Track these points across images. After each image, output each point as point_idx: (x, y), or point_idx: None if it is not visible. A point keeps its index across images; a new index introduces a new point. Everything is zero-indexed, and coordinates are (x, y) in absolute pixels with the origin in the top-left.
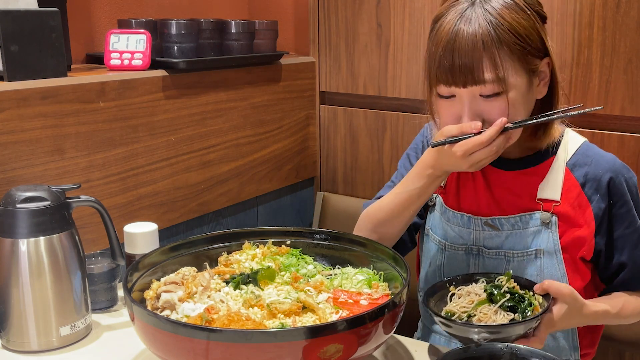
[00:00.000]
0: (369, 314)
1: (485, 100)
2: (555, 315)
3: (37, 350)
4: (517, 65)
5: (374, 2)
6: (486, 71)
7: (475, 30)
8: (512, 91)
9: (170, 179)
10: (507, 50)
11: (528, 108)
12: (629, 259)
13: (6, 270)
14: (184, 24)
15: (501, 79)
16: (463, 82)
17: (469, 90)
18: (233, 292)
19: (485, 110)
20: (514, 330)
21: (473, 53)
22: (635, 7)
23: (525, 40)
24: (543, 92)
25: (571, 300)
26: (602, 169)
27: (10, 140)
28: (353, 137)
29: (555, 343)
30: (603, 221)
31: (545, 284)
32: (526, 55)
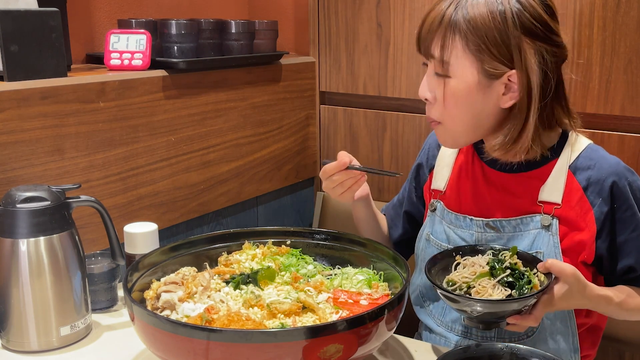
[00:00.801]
0: (369, 314)
1: (436, 78)
2: (555, 294)
3: (37, 350)
4: (468, 57)
5: (374, 2)
6: (434, 48)
7: (444, 9)
8: (454, 79)
9: (170, 179)
10: (460, 38)
11: (474, 106)
12: (637, 262)
13: (6, 270)
14: (184, 24)
15: (443, 61)
16: (424, 53)
17: (430, 64)
18: (233, 292)
19: (433, 87)
20: (508, 306)
21: (430, 26)
22: (635, 7)
23: (484, 38)
24: (508, 103)
25: (574, 280)
26: (605, 173)
27: (10, 140)
28: (353, 137)
29: (555, 345)
30: (605, 225)
31: (548, 263)
32: (481, 54)
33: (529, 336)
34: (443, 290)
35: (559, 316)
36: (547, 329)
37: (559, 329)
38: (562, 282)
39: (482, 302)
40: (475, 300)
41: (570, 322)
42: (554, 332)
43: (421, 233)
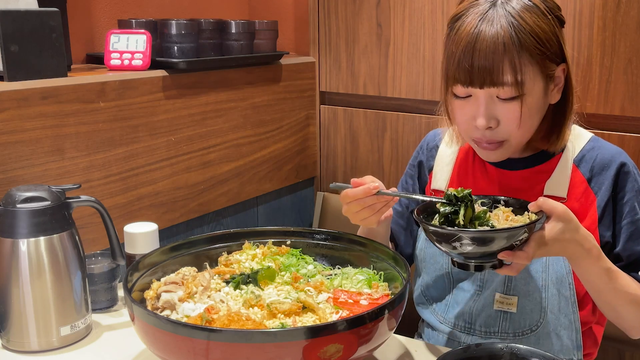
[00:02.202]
0: (369, 314)
1: (502, 102)
2: (547, 233)
3: (37, 350)
4: (536, 70)
5: (374, 2)
6: (505, 74)
7: (497, 31)
8: (528, 96)
9: (170, 179)
10: (527, 54)
11: (541, 113)
12: (623, 250)
13: (6, 270)
14: (184, 24)
15: (519, 83)
16: (481, 83)
17: (486, 92)
18: (233, 292)
19: (500, 113)
20: (498, 237)
21: (494, 55)
22: (635, 7)
23: (545, 45)
24: (556, 97)
25: (566, 218)
26: (607, 161)
27: (10, 140)
28: (353, 137)
29: (559, 341)
30: (606, 212)
31: (539, 201)
32: (545, 60)
33: (533, 331)
34: (432, 226)
35: (563, 310)
36: (551, 324)
37: (563, 324)
38: (554, 220)
39: (471, 233)
40: (465, 231)
41: (574, 317)
42: (557, 327)
43: (420, 232)
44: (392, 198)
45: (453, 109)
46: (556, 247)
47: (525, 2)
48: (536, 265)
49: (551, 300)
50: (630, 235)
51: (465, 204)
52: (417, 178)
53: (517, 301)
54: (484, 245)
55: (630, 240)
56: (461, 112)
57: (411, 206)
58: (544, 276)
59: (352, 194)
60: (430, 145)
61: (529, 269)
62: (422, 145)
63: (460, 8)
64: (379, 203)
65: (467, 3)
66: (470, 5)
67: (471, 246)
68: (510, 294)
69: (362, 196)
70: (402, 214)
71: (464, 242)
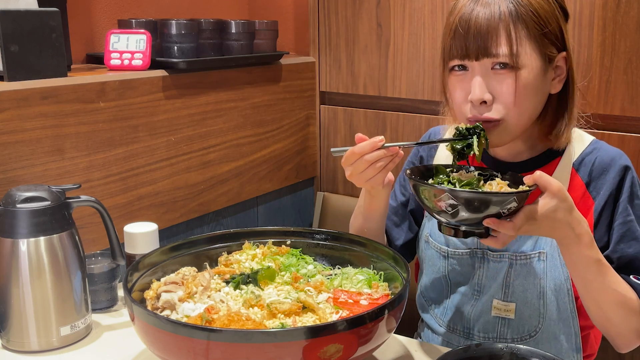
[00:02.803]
0: (369, 314)
1: (497, 76)
2: (539, 207)
3: (37, 350)
4: (533, 46)
5: (374, 2)
6: (500, 45)
7: (494, 2)
8: (523, 69)
9: (170, 179)
10: (524, 28)
11: (539, 98)
12: (613, 251)
13: (6, 270)
14: (184, 24)
15: (514, 54)
16: (476, 54)
17: (482, 63)
18: (233, 292)
19: (495, 87)
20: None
21: (489, 24)
22: (635, 7)
23: (544, 22)
24: (557, 87)
25: (560, 196)
26: (605, 164)
27: (10, 140)
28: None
29: (558, 345)
30: (602, 217)
31: (536, 174)
32: (543, 38)
33: (531, 336)
34: (418, 182)
35: (561, 316)
36: (550, 329)
37: (562, 329)
38: (548, 196)
39: (459, 192)
40: (452, 190)
41: (573, 322)
42: (557, 333)
43: (421, 234)
44: (397, 151)
45: (451, 87)
46: (546, 225)
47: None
48: (534, 273)
49: (549, 307)
50: (621, 236)
51: (477, 134)
52: None
53: (515, 308)
54: (469, 207)
55: (621, 241)
56: (458, 87)
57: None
58: (542, 283)
59: (359, 149)
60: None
61: (526, 276)
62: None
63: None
64: (384, 158)
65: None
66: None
67: (456, 207)
68: (508, 300)
69: (369, 150)
70: (396, 210)
71: (449, 202)
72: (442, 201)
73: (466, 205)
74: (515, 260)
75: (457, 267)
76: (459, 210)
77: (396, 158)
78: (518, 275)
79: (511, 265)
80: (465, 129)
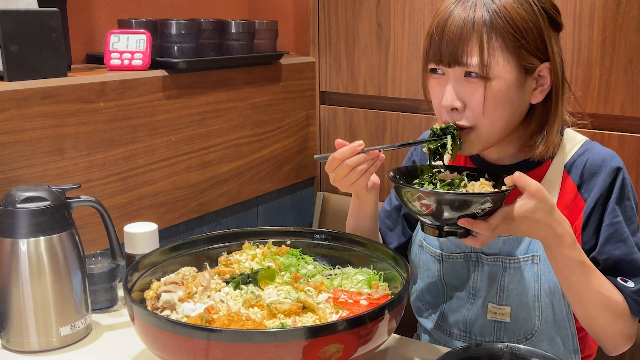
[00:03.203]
0: (369, 314)
1: (468, 84)
2: (516, 208)
3: (37, 350)
4: (508, 57)
5: (374, 2)
6: (471, 54)
7: (470, 10)
8: (495, 80)
9: (170, 179)
10: (498, 38)
11: (514, 108)
12: (599, 253)
13: (6, 270)
14: (184, 24)
15: (485, 65)
16: (448, 61)
17: (454, 71)
18: (233, 292)
19: (466, 95)
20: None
21: (462, 32)
22: (635, 7)
23: (522, 33)
24: (539, 98)
25: (539, 197)
26: (597, 166)
27: (10, 140)
28: (353, 137)
29: (555, 347)
30: (592, 219)
31: (515, 175)
32: (520, 49)
33: (528, 339)
34: (396, 182)
35: (557, 318)
36: (546, 332)
37: (559, 332)
38: (526, 197)
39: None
40: (421, 189)
41: (570, 324)
42: (553, 335)
43: (414, 239)
44: (377, 155)
45: (430, 89)
46: (524, 226)
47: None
48: (528, 276)
49: (545, 310)
50: (607, 238)
51: (451, 134)
52: None
53: (510, 311)
54: (443, 207)
55: (607, 243)
56: (435, 91)
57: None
58: (536, 286)
59: (339, 155)
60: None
61: (521, 280)
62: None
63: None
64: (365, 162)
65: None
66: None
67: (429, 207)
68: (503, 304)
69: (350, 155)
70: (390, 214)
71: (422, 202)
72: (417, 201)
73: (440, 206)
74: (508, 264)
75: (452, 270)
76: (434, 211)
77: (377, 161)
78: (512, 278)
79: (505, 268)
80: (440, 129)
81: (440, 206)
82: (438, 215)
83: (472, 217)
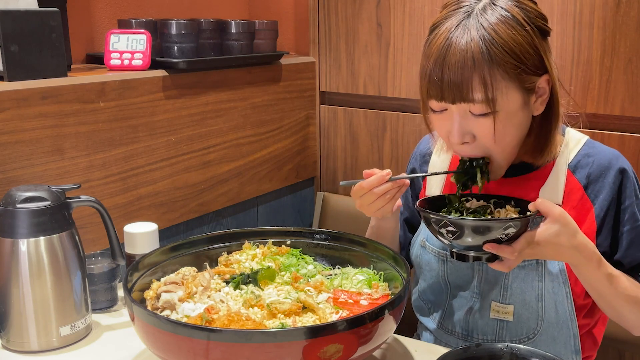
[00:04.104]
0: (369, 314)
1: (475, 118)
2: (539, 232)
3: (37, 350)
4: (511, 85)
5: (374, 2)
6: (475, 90)
7: (466, 46)
8: (502, 112)
9: (170, 179)
10: (499, 69)
11: (520, 125)
12: (624, 257)
13: (6, 270)
14: (184, 24)
15: (491, 100)
16: (452, 99)
17: (459, 107)
18: (233, 292)
19: (475, 128)
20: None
21: (463, 70)
22: (635, 7)
23: (521, 58)
24: (540, 109)
25: (562, 222)
26: (604, 167)
27: (10, 140)
28: (353, 137)
29: (557, 347)
30: (605, 222)
31: (537, 201)
32: (521, 74)
33: (530, 338)
34: (424, 211)
35: (560, 318)
36: (549, 331)
37: (561, 331)
38: (549, 222)
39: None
40: (447, 217)
41: (572, 325)
42: (555, 335)
43: (415, 239)
44: (404, 182)
45: (433, 123)
46: (549, 250)
47: (502, 13)
48: (532, 276)
49: (548, 309)
50: (631, 242)
51: (480, 168)
52: (411, 185)
53: (513, 310)
54: (469, 233)
55: (631, 247)
56: (439, 125)
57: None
58: (540, 285)
59: (367, 184)
60: (424, 152)
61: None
62: (415, 152)
63: (438, 18)
64: (392, 190)
65: (445, 12)
66: (446, 15)
67: (455, 234)
68: (507, 302)
69: (377, 184)
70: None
71: (449, 229)
72: (443, 229)
73: (465, 232)
74: None
75: (455, 270)
76: (459, 237)
77: (403, 188)
78: (516, 277)
79: None
80: (469, 159)
81: (465, 232)
82: (464, 241)
83: (497, 242)
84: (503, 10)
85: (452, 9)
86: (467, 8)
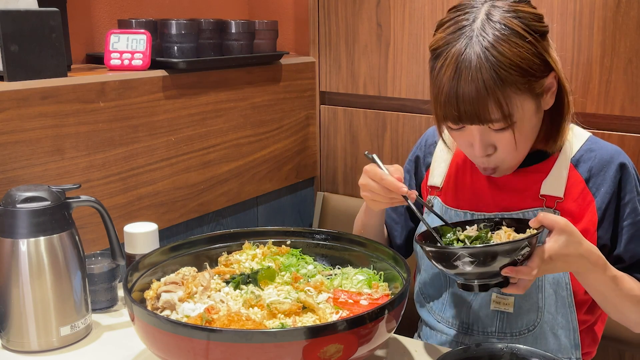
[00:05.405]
0: (369, 314)
1: (495, 132)
2: (549, 246)
3: (37, 350)
4: (523, 96)
5: (374, 2)
6: (492, 112)
7: (476, 75)
8: (520, 122)
9: (170, 179)
10: (511, 88)
11: (536, 126)
12: (625, 252)
13: (6, 270)
14: (184, 24)
15: (508, 116)
16: (470, 122)
17: (477, 127)
18: (233, 292)
19: (496, 141)
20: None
21: (478, 99)
22: (635, 7)
23: (529, 72)
24: (550, 102)
25: (567, 231)
26: (606, 162)
27: (10, 140)
28: (353, 137)
29: (556, 340)
30: (607, 215)
31: (540, 216)
32: (531, 85)
33: (530, 330)
34: (431, 246)
35: (560, 310)
36: (548, 324)
37: (560, 324)
38: (556, 234)
39: (471, 249)
40: (465, 248)
41: (572, 317)
42: (555, 327)
43: (418, 230)
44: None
45: (452, 137)
46: (561, 262)
47: (502, 30)
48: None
49: (548, 301)
50: (631, 236)
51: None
52: (414, 173)
53: (513, 301)
54: (485, 261)
55: (632, 242)
56: (460, 140)
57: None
58: (540, 277)
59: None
60: (429, 142)
61: None
62: (420, 141)
63: (438, 41)
64: (395, 200)
65: (444, 35)
66: (447, 40)
67: (472, 264)
68: (507, 294)
69: (391, 188)
70: (395, 207)
71: (464, 260)
72: (454, 260)
73: (479, 261)
74: None
75: None
76: (476, 266)
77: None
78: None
79: None
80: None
81: (484, 260)
82: (480, 269)
83: (513, 265)
84: (502, 25)
85: (450, 31)
86: (467, 31)
